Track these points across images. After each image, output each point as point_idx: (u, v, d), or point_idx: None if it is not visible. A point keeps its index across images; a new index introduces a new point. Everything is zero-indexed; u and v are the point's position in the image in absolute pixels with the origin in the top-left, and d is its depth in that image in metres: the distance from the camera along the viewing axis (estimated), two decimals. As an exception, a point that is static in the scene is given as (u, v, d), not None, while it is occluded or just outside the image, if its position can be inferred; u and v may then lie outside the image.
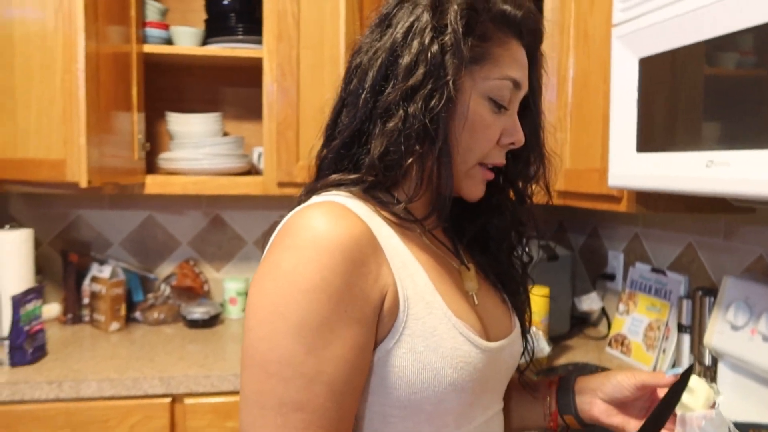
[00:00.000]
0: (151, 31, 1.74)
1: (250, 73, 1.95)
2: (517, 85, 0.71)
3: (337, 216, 0.61)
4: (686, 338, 1.51)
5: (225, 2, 1.81)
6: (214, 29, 1.81)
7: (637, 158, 1.14)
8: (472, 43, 0.66)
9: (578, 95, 1.45)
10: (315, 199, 0.67)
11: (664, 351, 1.59)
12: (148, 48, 1.73)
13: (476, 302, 0.73)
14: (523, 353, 0.81)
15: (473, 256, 0.80)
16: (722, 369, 1.36)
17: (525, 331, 0.82)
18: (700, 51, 0.98)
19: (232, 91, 2.06)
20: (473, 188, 0.72)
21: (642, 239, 1.77)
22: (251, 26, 1.79)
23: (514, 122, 0.72)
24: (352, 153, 0.70)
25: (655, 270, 1.68)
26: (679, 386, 0.74)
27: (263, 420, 0.57)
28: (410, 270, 0.65)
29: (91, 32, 1.40)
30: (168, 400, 1.46)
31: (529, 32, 0.73)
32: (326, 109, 0.75)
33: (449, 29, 0.65)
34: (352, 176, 0.69)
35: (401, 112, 0.65)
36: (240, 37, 1.78)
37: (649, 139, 1.10)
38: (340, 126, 0.71)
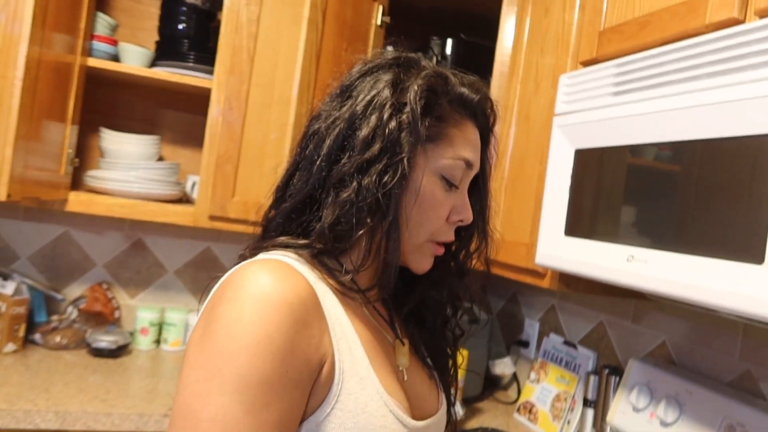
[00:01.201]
0: (98, 45, 1.69)
1: (194, 99, 1.92)
2: (469, 165, 0.73)
3: (285, 274, 0.61)
4: (590, 412, 1.58)
5: (180, 27, 1.79)
6: (165, 52, 1.78)
7: (564, 241, 1.20)
8: (429, 123, 0.69)
9: (514, 171, 1.53)
10: (261, 256, 0.67)
11: (568, 422, 1.65)
12: (92, 62, 1.67)
13: (405, 378, 0.74)
14: (446, 428, 0.82)
15: (407, 328, 0.81)
16: (621, 446, 1.43)
17: (450, 405, 0.83)
18: (626, 149, 1.07)
19: (173, 114, 2.01)
20: (422, 262, 0.74)
21: (558, 311, 1.85)
22: (203, 55, 1.77)
23: (464, 200, 0.75)
24: (303, 218, 0.70)
25: (567, 343, 1.76)
26: None
27: None
28: (349, 342, 0.65)
29: (36, 40, 1.34)
30: (61, 436, 1.36)
31: (483, 115, 0.77)
32: (279, 169, 0.75)
33: (408, 108, 0.67)
34: (301, 241, 0.69)
35: (355, 183, 0.66)
36: (190, 64, 1.75)
37: (578, 225, 1.18)
38: (291, 189, 0.71)
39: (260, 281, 0.59)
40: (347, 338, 0.65)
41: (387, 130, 0.66)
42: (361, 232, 0.66)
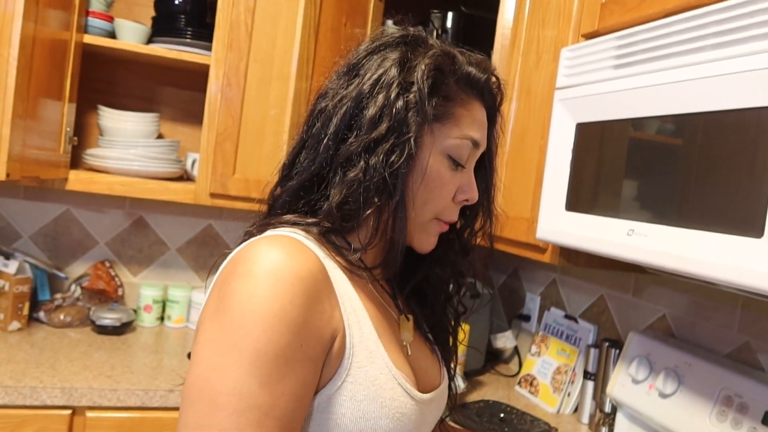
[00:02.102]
0: (94, 22, 1.67)
1: (192, 76, 1.90)
2: (476, 144, 0.73)
3: (295, 249, 0.61)
4: (590, 385, 1.59)
5: (176, 2, 1.77)
6: (161, 29, 1.76)
7: (565, 216, 1.20)
8: (436, 102, 0.68)
9: (515, 145, 1.52)
10: (270, 232, 0.67)
11: (568, 395, 1.67)
12: (88, 38, 1.65)
13: (409, 353, 0.74)
14: (447, 401, 0.83)
15: (410, 305, 0.82)
16: (620, 418, 1.45)
17: (450, 379, 0.84)
18: (627, 122, 1.07)
19: (172, 91, 2.00)
20: (426, 241, 0.74)
21: (559, 285, 1.86)
22: (200, 31, 1.75)
23: (470, 180, 0.75)
24: (310, 197, 0.70)
25: (567, 316, 1.77)
26: None
27: None
28: (358, 316, 0.66)
29: (30, 16, 1.32)
30: (68, 412, 1.38)
31: (490, 94, 0.76)
32: (284, 147, 0.75)
33: (415, 87, 0.67)
34: (310, 220, 0.69)
35: (362, 163, 0.66)
36: (188, 40, 1.73)
37: (579, 200, 1.17)
38: (298, 167, 0.71)
39: (272, 256, 0.59)
40: (356, 313, 0.66)
41: (394, 110, 0.66)
42: (368, 211, 0.67)
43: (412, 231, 0.72)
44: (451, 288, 0.83)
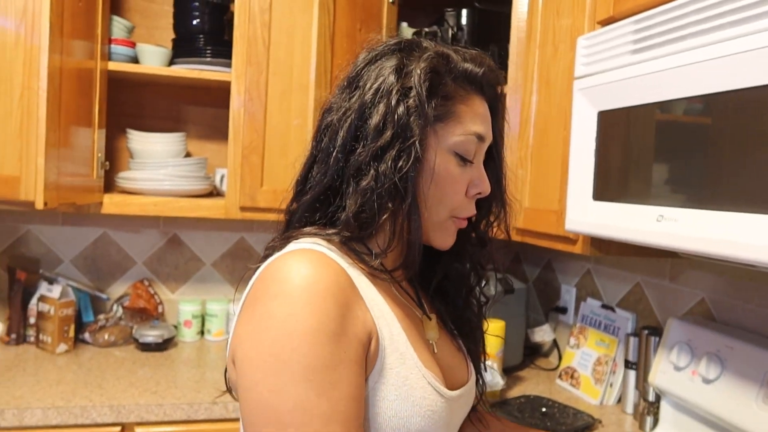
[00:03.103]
0: (117, 48, 1.72)
1: (215, 93, 1.94)
2: (481, 138, 0.74)
3: (322, 263, 0.64)
4: (632, 374, 1.57)
5: (194, 23, 1.81)
6: (182, 49, 1.80)
7: (593, 206, 1.19)
8: (435, 104, 0.70)
9: (539, 138, 1.51)
10: (293, 246, 0.69)
11: (611, 385, 1.65)
12: (113, 65, 1.70)
13: (435, 351, 0.76)
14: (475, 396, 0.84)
15: (433, 304, 0.83)
16: (664, 406, 1.42)
17: (479, 374, 0.85)
18: (653, 106, 1.05)
19: (197, 110, 2.04)
20: (445, 238, 0.76)
21: (594, 275, 1.84)
22: (219, 49, 1.79)
23: (480, 173, 0.76)
24: (327, 210, 0.72)
25: (605, 306, 1.75)
26: None
27: None
28: (387, 320, 0.68)
29: (56, 48, 1.37)
30: (118, 429, 1.42)
31: (490, 86, 0.77)
32: (297, 164, 0.77)
33: (414, 91, 0.69)
34: (329, 231, 0.71)
35: (372, 171, 0.68)
36: (208, 59, 1.77)
37: (606, 189, 1.16)
38: (311, 182, 0.73)
39: (302, 273, 0.61)
40: (385, 317, 0.68)
41: (396, 116, 0.68)
42: (384, 217, 0.68)
43: (430, 230, 0.74)
44: (472, 280, 0.84)
